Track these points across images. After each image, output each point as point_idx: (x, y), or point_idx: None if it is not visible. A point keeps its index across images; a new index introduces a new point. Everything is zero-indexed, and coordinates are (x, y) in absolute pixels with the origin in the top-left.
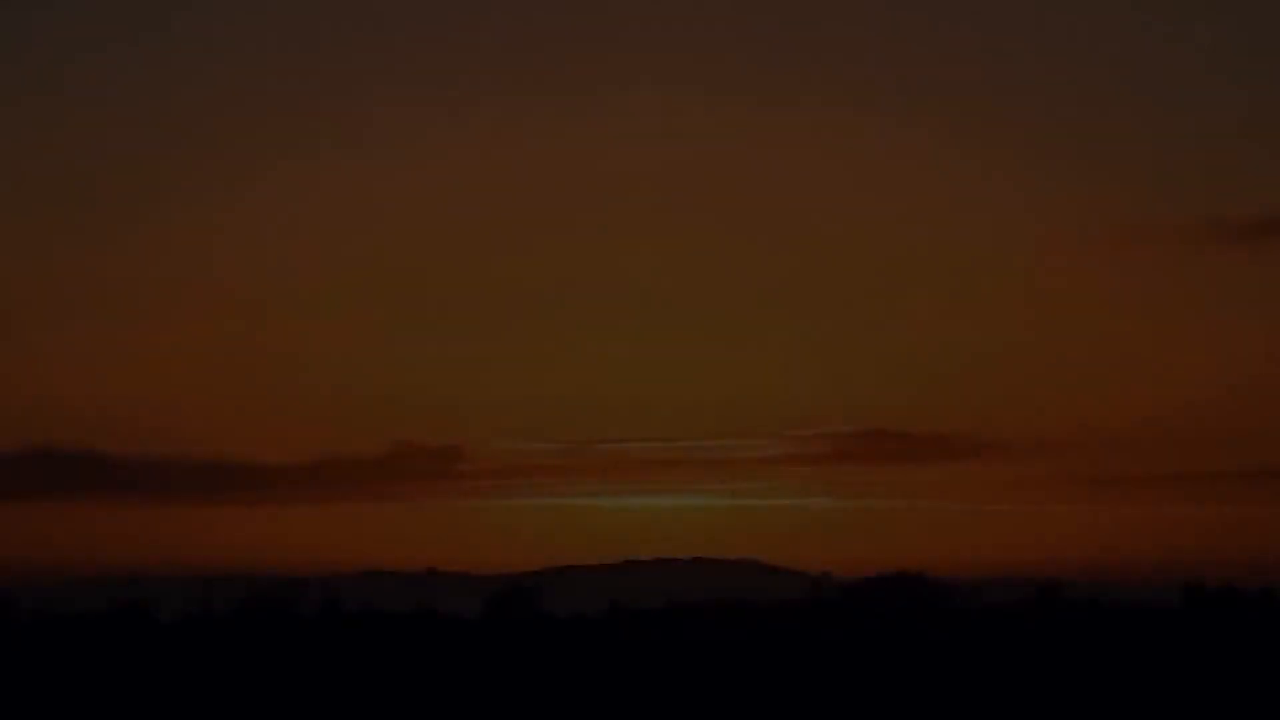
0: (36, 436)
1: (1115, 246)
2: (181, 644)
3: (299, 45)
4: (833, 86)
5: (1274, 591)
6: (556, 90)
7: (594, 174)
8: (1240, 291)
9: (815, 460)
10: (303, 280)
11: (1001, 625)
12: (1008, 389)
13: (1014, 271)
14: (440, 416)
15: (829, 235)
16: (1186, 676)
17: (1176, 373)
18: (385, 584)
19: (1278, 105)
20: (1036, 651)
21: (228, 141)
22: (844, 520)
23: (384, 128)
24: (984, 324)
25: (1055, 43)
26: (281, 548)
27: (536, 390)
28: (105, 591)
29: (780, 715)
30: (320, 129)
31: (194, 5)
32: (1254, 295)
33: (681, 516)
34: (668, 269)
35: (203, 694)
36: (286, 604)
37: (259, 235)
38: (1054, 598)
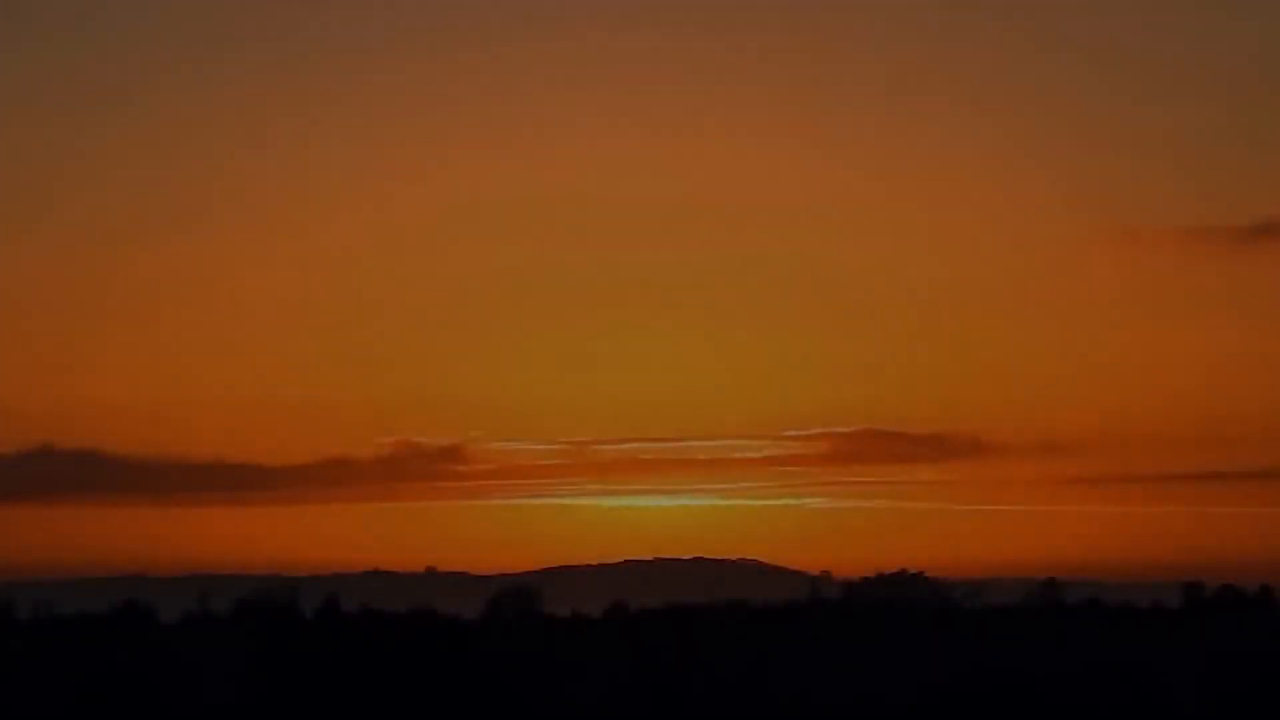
0: (39, 437)
1: (1114, 249)
2: (181, 644)
3: (313, 50)
4: (830, 91)
5: (1274, 591)
6: (561, 101)
7: (594, 177)
8: (1238, 294)
9: (814, 460)
10: (303, 282)
11: (1001, 625)
12: (1006, 390)
13: (1012, 273)
14: (440, 417)
15: (827, 237)
16: (1186, 676)
17: (1175, 374)
18: (385, 584)
19: (1273, 111)
20: (1036, 651)
21: (229, 145)
22: (843, 520)
23: (386, 131)
24: (981, 325)
25: (1053, 48)
26: (281, 548)
27: (536, 391)
28: (105, 591)
29: (780, 714)
30: (322, 133)
31: (198, 13)
32: (1252, 298)
33: (681, 516)
34: (667, 270)
35: (203, 694)
36: (286, 604)
37: (260, 238)
38: (1054, 598)
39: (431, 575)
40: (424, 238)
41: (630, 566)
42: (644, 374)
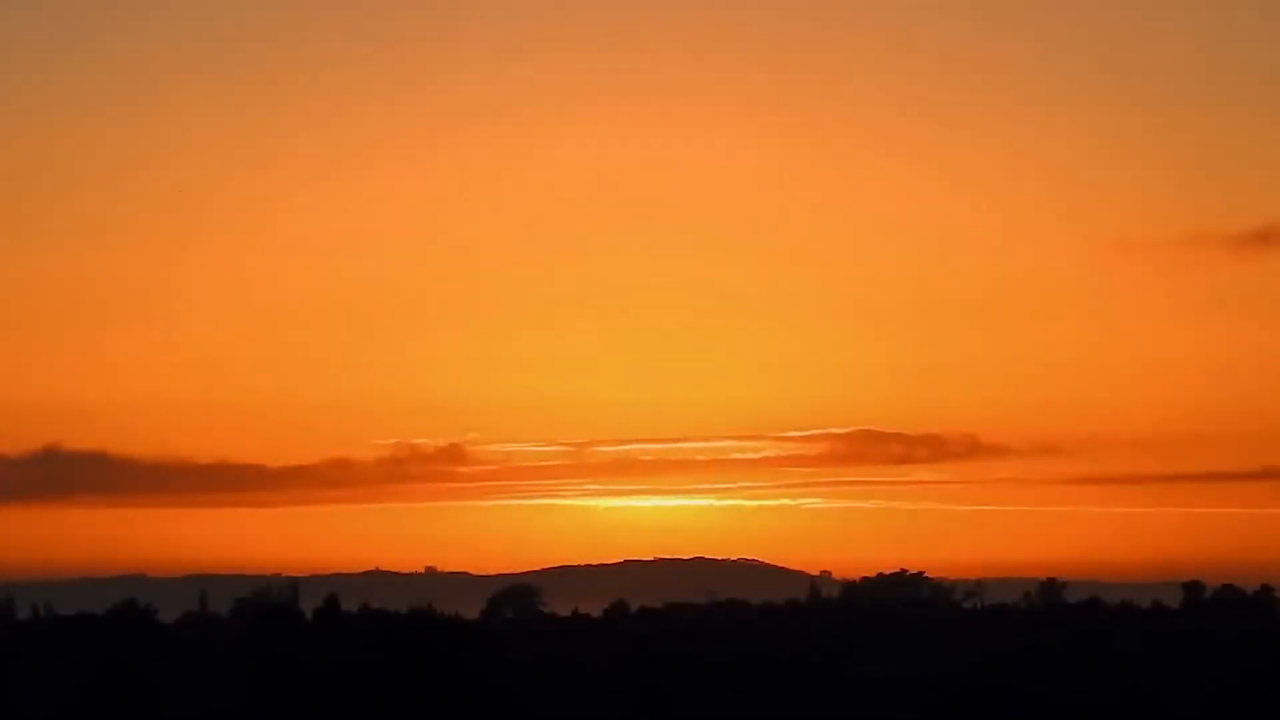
0: (45, 438)
1: (1112, 253)
2: (181, 644)
3: (314, 53)
4: (830, 100)
5: (1274, 591)
6: (559, 102)
7: (595, 182)
8: (1235, 297)
9: (813, 461)
10: (305, 285)
11: (1001, 624)
12: (1003, 391)
13: (1010, 276)
14: (441, 418)
15: (826, 241)
16: (1186, 676)
17: (1174, 376)
18: (385, 584)
19: (1268, 119)
20: (1036, 651)
21: (231, 149)
22: (842, 521)
23: (387, 134)
24: (979, 327)
25: (1050, 55)
26: (281, 548)
27: (537, 392)
28: (105, 591)
29: (780, 714)
30: (324, 137)
31: (206, 17)
32: (1248, 301)
33: (681, 517)
34: (667, 274)
35: (203, 694)
36: (286, 604)
37: (262, 241)
38: (1054, 598)
39: (431, 575)
40: (424, 240)
41: (630, 566)
42: (643, 375)
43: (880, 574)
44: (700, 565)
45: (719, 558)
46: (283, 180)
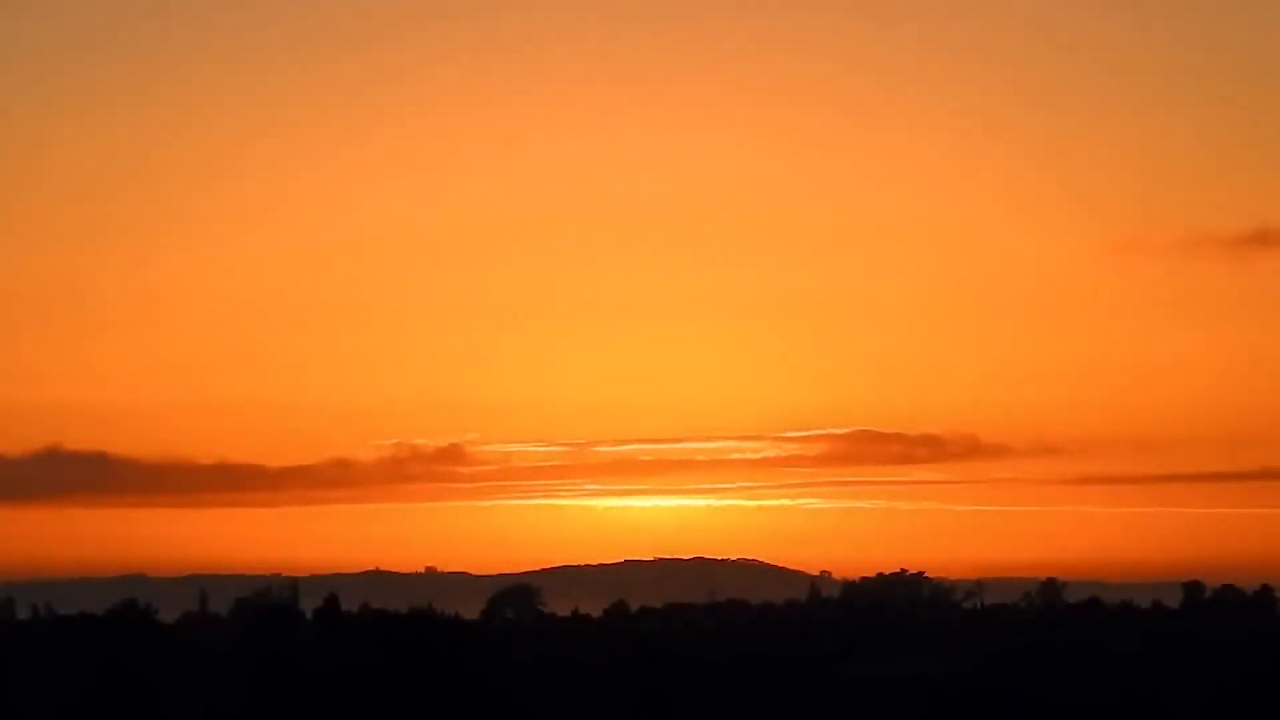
0: (46, 439)
1: (1112, 254)
2: (181, 644)
3: (308, 59)
4: (828, 98)
5: (1274, 591)
6: (561, 103)
7: (594, 182)
8: (1235, 298)
9: (813, 462)
10: (306, 285)
11: (1001, 624)
12: (1003, 391)
13: (1009, 276)
14: (441, 418)
15: (824, 242)
16: (1186, 676)
17: (1174, 376)
18: (385, 584)
19: (1268, 119)
20: (1036, 651)
21: (231, 150)
22: (841, 521)
23: (387, 135)
24: (979, 328)
25: (1052, 58)
26: (281, 548)
27: (537, 393)
28: (105, 591)
29: (780, 714)
30: (323, 137)
31: (202, 17)
32: (1248, 302)
33: (681, 517)
34: (666, 276)
35: (203, 694)
36: (286, 604)
37: (262, 242)
38: (1054, 598)
39: (431, 575)
40: (424, 242)
41: (630, 566)
42: (643, 376)
43: (880, 574)
44: (700, 565)
45: (719, 558)
46: (283, 181)
